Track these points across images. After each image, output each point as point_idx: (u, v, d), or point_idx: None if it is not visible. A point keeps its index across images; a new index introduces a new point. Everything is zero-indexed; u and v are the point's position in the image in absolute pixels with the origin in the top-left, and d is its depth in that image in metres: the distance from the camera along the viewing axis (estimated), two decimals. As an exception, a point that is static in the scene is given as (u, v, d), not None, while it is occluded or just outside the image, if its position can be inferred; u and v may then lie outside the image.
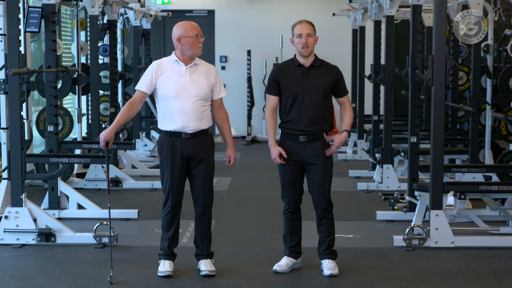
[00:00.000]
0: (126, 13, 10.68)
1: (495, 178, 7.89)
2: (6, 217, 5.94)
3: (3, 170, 6.46)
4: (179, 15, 13.85)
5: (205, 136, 5.08)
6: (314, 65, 5.12)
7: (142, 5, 10.71)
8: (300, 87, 5.09)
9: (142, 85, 5.04)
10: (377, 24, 9.34)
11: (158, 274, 5.13)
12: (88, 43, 9.13)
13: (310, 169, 5.16)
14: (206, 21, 14.06)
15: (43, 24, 6.93)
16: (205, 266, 5.16)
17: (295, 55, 5.18)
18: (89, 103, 9.86)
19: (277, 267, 5.30)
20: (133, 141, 9.06)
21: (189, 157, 5.05)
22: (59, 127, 7.88)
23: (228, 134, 5.20)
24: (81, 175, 8.64)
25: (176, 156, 5.03)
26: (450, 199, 6.55)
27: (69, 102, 11.63)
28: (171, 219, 5.11)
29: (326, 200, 5.18)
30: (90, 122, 9.11)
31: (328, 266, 5.22)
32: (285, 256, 5.35)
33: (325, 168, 5.13)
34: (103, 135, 4.98)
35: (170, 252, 5.18)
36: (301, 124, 5.10)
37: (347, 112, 5.20)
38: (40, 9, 6.80)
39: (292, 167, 5.20)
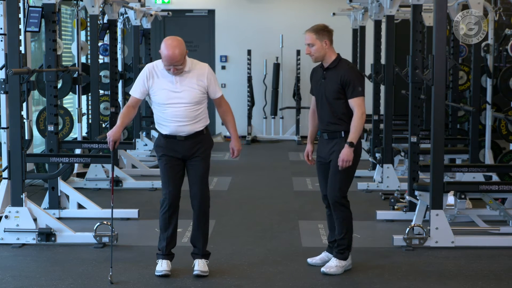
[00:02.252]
0: (126, 13, 10.68)
1: (495, 177, 7.89)
2: (6, 216, 5.94)
3: (3, 170, 6.46)
4: (180, 14, 13.86)
5: (200, 136, 5.08)
6: (330, 67, 5.17)
7: (142, 5, 10.70)
8: (320, 88, 5.22)
9: (136, 92, 5.05)
10: (378, 23, 9.33)
11: (156, 273, 5.14)
12: (88, 42, 9.13)
13: (331, 164, 5.22)
14: (206, 20, 14.06)
15: (43, 23, 6.93)
16: (198, 266, 5.16)
17: None
18: (89, 103, 9.86)
19: (309, 259, 5.44)
20: (133, 140, 9.05)
21: (184, 156, 5.07)
22: (59, 127, 7.87)
23: (231, 126, 5.19)
24: (81, 175, 8.64)
25: (171, 154, 5.06)
26: (450, 198, 6.55)
27: (69, 101, 11.63)
28: (169, 218, 5.12)
29: (333, 197, 5.19)
30: (90, 121, 9.11)
31: (327, 264, 5.26)
32: (324, 251, 5.44)
33: (336, 165, 5.13)
34: (110, 135, 4.98)
35: (167, 252, 5.18)
36: (322, 123, 5.24)
37: (354, 120, 5.08)
38: (40, 9, 6.80)
39: (319, 163, 5.32)
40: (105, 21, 9.48)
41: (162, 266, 5.14)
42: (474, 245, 5.92)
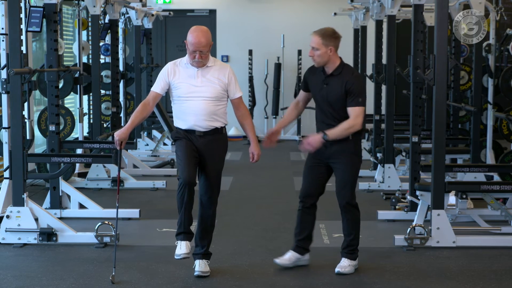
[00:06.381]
0: (127, 13, 10.68)
1: (496, 177, 7.88)
2: (7, 216, 5.95)
3: (5, 170, 6.46)
4: (181, 14, 13.86)
5: (218, 135, 5.11)
6: (333, 74, 5.14)
7: (144, 5, 10.70)
8: (321, 93, 5.18)
9: (156, 87, 5.11)
10: (379, 23, 9.33)
11: (175, 257, 5.09)
12: (90, 42, 9.14)
13: (334, 166, 5.22)
14: (207, 20, 14.06)
15: (44, 23, 6.93)
16: (199, 266, 5.15)
17: None
18: (91, 103, 9.87)
19: (278, 259, 5.35)
20: (134, 140, 9.06)
21: (200, 151, 5.07)
22: (61, 127, 7.88)
23: (250, 130, 5.20)
24: (82, 175, 8.64)
25: (189, 140, 5.06)
26: (451, 198, 6.55)
27: (71, 101, 11.64)
28: (184, 197, 4.99)
29: (344, 198, 5.19)
30: (91, 121, 9.12)
31: (340, 264, 5.26)
32: (290, 250, 5.37)
33: (345, 167, 5.16)
34: (117, 134, 5.02)
35: (186, 229, 5.08)
36: (323, 126, 5.20)
37: (344, 123, 5.07)
38: (41, 9, 6.80)
39: (314, 165, 5.28)
40: (106, 21, 9.49)
41: (181, 249, 5.07)
42: (476, 245, 5.92)
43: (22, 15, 6.63)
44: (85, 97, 9.97)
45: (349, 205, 5.20)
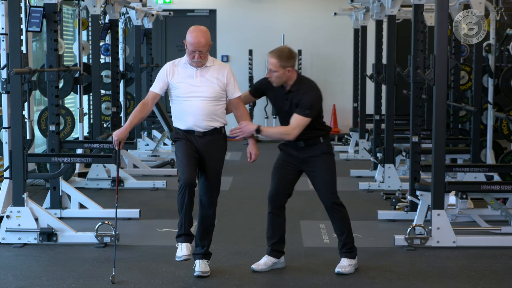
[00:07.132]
0: (127, 13, 10.69)
1: (496, 177, 7.88)
2: (8, 216, 5.95)
3: (5, 170, 6.46)
4: (181, 14, 13.86)
5: (217, 135, 5.12)
6: (292, 90, 5.15)
7: (144, 5, 10.71)
8: (283, 108, 5.21)
9: (155, 87, 5.12)
10: (379, 23, 9.33)
11: (176, 259, 5.07)
12: (90, 42, 9.14)
13: (309, 170, 5.23)
14: (207, 20, 14.06)
15: (44, 23, 6.93)
16: (199, 266, 5.16)
17: None
18: (91, 103, 9.87)
19: (254, 265, 5.33)
20: (134, 140, 9.06)
21: (200, 152, 5.07)
22: (61, 127, 7.88)
23: None
24: (82, 175, 8.64)
25: (189, 140, 5.06)
26: (451, 198, 6.55)
27: (71, 101, 11.64)
28: (185, 199, 4.99)
29: (328, 199, 5.20)
30: (91, 121, 9.12)
31: (339, 264, 5.26)
32: (266, 255, 5.35)
33: (322, 169, 5.17)
34: (116, 134, 5.02)
35: (186, 231, 5.07)
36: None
37: (283, 127, 5.14)
38: (42, 9, 6.80)
39: (283, 163, 5.30)
40: (106, 21, 9.49)
41: (182, 250, 5.06)
42: (476, 245, 5.92)
43: (22, 15, 6.63)
44: (85, 97, 9.97)
45: (335, 204, 5.21)
